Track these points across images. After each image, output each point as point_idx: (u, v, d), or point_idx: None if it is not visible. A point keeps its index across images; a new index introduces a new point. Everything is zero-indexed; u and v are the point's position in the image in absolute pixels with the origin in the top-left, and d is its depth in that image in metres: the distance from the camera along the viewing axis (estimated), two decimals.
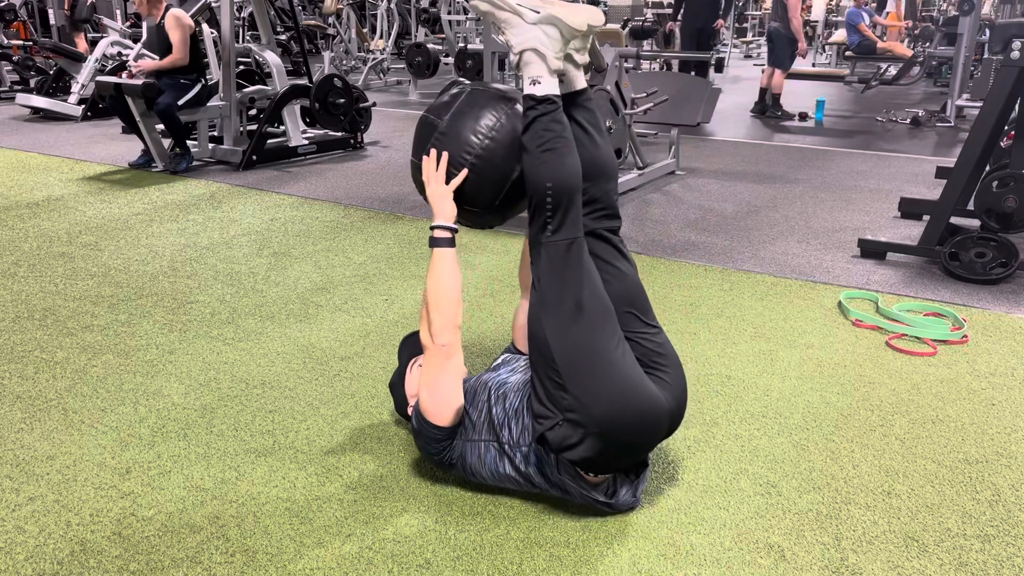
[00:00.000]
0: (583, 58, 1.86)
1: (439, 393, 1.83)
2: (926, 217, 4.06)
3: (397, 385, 2.12)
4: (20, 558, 1.71)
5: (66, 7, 10.15)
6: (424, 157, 1.91)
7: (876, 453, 2.11)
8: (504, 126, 1.87)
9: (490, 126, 1.87)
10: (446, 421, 1.83)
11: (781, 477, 2.00)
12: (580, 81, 1.89)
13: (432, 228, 1.88)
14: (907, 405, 2.37)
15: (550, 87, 1.77)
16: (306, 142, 6.13)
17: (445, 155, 1.87)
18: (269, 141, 5.89)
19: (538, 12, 1.77)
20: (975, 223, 3.62)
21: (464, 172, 1.86)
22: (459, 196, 1.89)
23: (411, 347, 2.17)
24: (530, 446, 1.79)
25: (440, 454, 1.87)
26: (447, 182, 1.88)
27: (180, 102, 5.44)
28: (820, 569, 1.68)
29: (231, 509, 1.87)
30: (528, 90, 1.78)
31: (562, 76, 1.83)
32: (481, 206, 1.93)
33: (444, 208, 1.87)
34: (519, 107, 1.91)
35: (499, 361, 2.14)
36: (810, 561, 1.70)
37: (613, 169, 1.91)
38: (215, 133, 6.25)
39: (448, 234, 1.87)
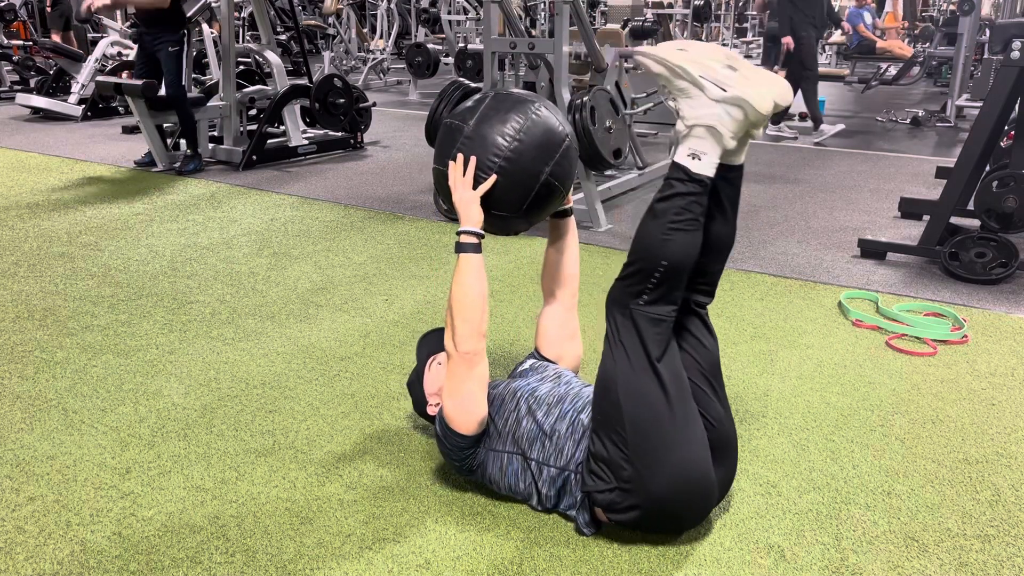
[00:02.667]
0: (759, 133, 1.71)
1: (464, 402, 1.78)
2: (926, 217, 4.05)
3: (415, 384, 2.08)
4: (20, 558, 1.71)
5: (48, 4, 10.14)
6: (450, 163, 1.86)
7: (876, 453, 2.11)
8: (531, 128, 1.83)
9: (518, 128, 1.82)
10: (471, 430, 1.80)
11: (781, 477, 2.00)
12: (741, 157, 1.74)
13: (458, 234, 1.83)
14: (907, 405, 2.37)
15: (708, 168, 1.65)
16: (306, 142, 6.13)
17: (472, 160, 1.81)
18: (269, 141, 5.89)
19: (725, 91, 1.62)
20: (975, 223, 3.62)
21: (493, 177, 1.81)
22: (487, 201, 1.83)
23: (430, 345, 2.13)
24: (559, 472, 1.77)
25: (463, 461, 1.85)
26: (475, 187, 1.83)
27: (183, 75, 5.34)
28: (820, 569, 1.68)
29: (231, 509, 1.87)
30: (683, 161, 1.66)
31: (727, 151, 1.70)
32: (509, 210, 1.88)
33: (471, 214, 1.82)
34: (544, 109, 1.88)
35: (526, 367, 2.09)
36: (810, 561, 1.70)
37: (730, 248, 1.82)
38: (215, 133, 6.25)
39: (475, 240, 1.82)
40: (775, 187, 5.21)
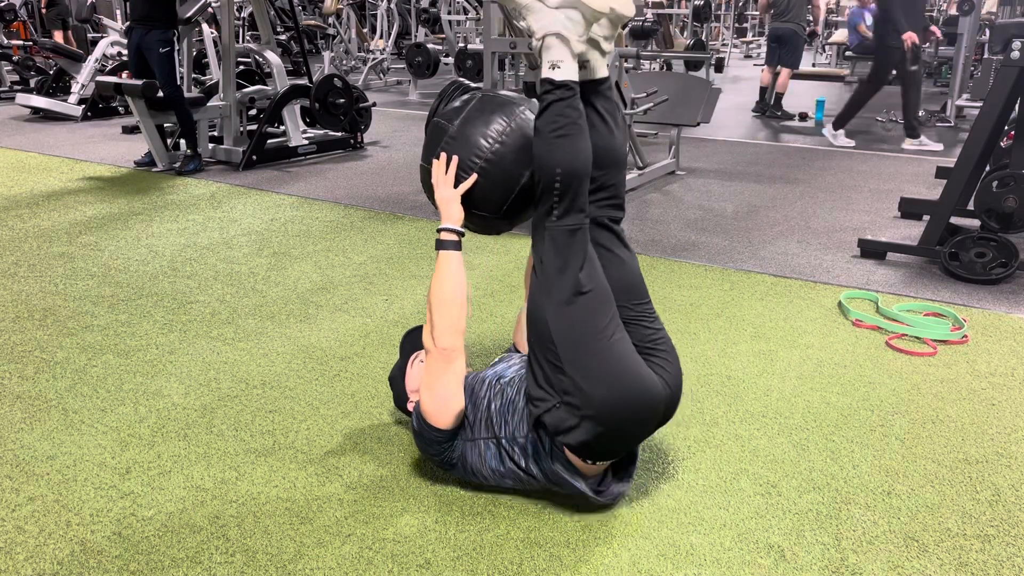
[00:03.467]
0: (609, 45, 1.81)
1: (440, 396, 1.82)
2: (926, 217, 4.06)
3: (397, 379, 2.11)
4: (20, 558, 1.71)
5: (43, 4, 10.18)
6: (434, 160, 1.92)
7: (876, 453, 2.11)
8: (514, 131, 1.88)
9: (500, 131, 1.88)
10: (447, 423, 1.83)
11: (781, 477, 2.00)
12: (602, 70, 1.84)
13: (439, 231, 1.88)
14: (907, 405, 2.37)
15: (569, 72, 1.74)
16: (306, 142, 6.13)
17: (455, 159, 1.88)
18: (269, 141, 5.89)
19: None
20: (975, 223, 3.62)
21: (473, 177, 1.87)
22: (468, 200, 1.90)
23: (414, 341, 2.16)
24: (527, 437, 1.80)
25: (441, 455, 1.87)
26: (456, 186, 1.88)
27: (176, 75, 5.33)
28: (820, 569, 1.68)
29: (231, 509, 1.87)
30: (547, 74, 1.74)
31: (584, 63, 1.80)
32: (489, 211, 1.93)
33: (451, 212, 1.88)
34: (530, 113, 1.91)
35: (497, 359, 2.14)
36: (810, 561, 1.70)
37: (623, 159, 1.90)
38: (215, 133, 6.25)
39: (455, 237, 1.87)
40: (775, 187, 5.21)
